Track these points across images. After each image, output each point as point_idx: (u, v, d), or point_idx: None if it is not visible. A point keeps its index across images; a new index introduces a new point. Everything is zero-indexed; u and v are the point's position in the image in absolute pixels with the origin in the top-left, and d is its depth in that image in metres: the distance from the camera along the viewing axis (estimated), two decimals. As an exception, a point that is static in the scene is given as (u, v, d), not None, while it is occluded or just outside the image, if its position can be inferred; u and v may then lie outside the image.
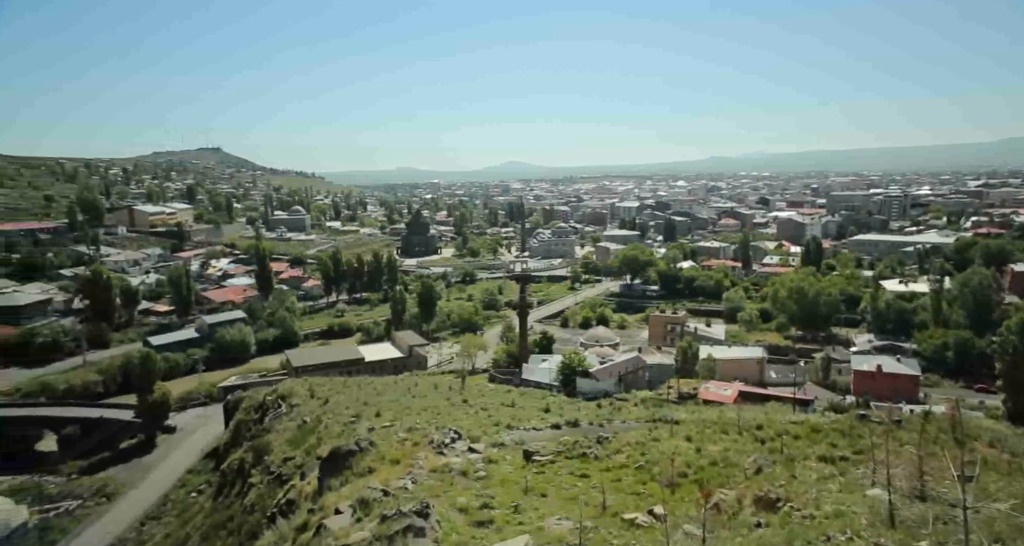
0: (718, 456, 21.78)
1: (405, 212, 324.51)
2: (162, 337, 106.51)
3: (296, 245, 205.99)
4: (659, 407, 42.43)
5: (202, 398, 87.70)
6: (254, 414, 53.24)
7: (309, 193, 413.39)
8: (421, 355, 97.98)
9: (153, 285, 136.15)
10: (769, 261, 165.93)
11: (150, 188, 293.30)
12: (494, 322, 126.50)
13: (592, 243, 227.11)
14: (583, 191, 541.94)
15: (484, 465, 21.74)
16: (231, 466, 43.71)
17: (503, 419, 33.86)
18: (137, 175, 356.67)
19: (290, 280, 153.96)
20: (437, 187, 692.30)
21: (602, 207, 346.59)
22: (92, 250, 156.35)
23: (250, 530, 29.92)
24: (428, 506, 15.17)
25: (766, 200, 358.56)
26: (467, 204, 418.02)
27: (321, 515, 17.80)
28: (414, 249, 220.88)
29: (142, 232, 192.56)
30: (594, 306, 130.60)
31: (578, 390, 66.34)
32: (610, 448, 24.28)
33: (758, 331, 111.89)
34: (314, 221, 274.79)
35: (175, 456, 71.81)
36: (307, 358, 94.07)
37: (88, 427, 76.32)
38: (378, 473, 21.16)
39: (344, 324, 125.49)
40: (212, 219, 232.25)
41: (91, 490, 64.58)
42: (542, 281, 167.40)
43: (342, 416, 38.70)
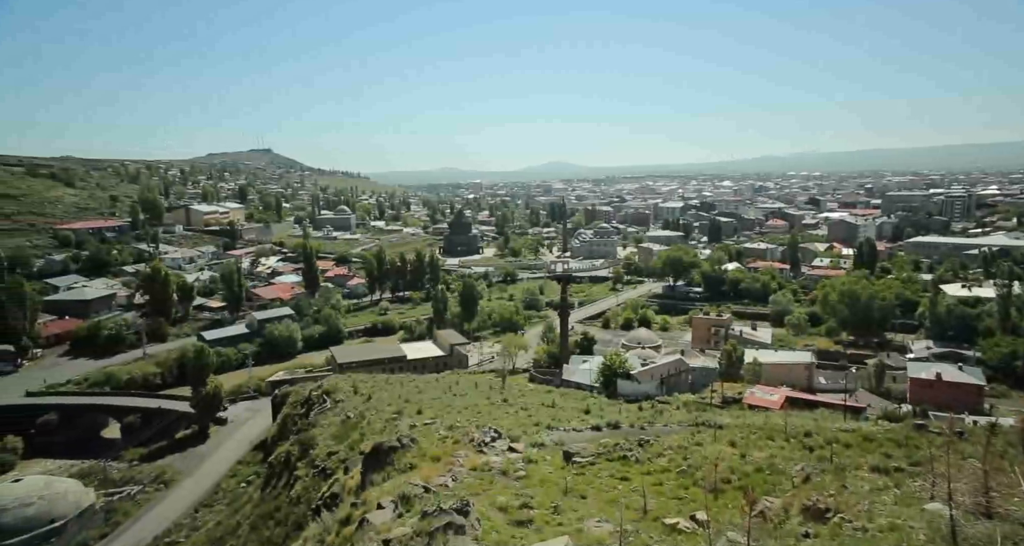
0: (764, 463, 21.16)
1: (448, 212, 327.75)
2: (215, 332, 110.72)
3: (341, 244, 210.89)
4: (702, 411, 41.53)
5: (251, 392, 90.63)
6: (300, 408, 54.75)
7: (354, 193, 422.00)
8: (462, 354, 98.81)
9: (207, 282, 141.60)
10: (819, 263, 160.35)
11: (205, 188, 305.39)
12: (535, 322, 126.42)
13: (634, 244, 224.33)
14: (626, 191, 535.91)
15: (524, 465, 21.73)
16: (278, 458, 45.05)
17: (543, 419, 33.78)
18: (193, 176, 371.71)
19: (335, 278, 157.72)
20: (479, 187, 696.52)
21: (645, 207, 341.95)
22: (152, 247, 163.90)
23: (296, 521, 30.78)
24: (468, 504, 15.27)
25: (816, 200, 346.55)
26: (509, 204, 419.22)
27: (363, 509, 18.12)
28: (456, 248, 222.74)
29: (197, 231, 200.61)
30: (636, 307, 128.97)
31: (619, 392, 65.69)
32: (651, 451, 23.91)
33: (806, 335, 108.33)
34: (359, 220, 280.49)
35: (226, 447, 74.47)
36: (351, 355, 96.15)
37: (148, 417, 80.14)
38: (419, 470, 21.41)
39: (387, 322, 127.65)
40: (262, 218, 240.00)
41: (150, 477, 67.72)
42: (583, 282, 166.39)
43: (384, 413, 39.41)
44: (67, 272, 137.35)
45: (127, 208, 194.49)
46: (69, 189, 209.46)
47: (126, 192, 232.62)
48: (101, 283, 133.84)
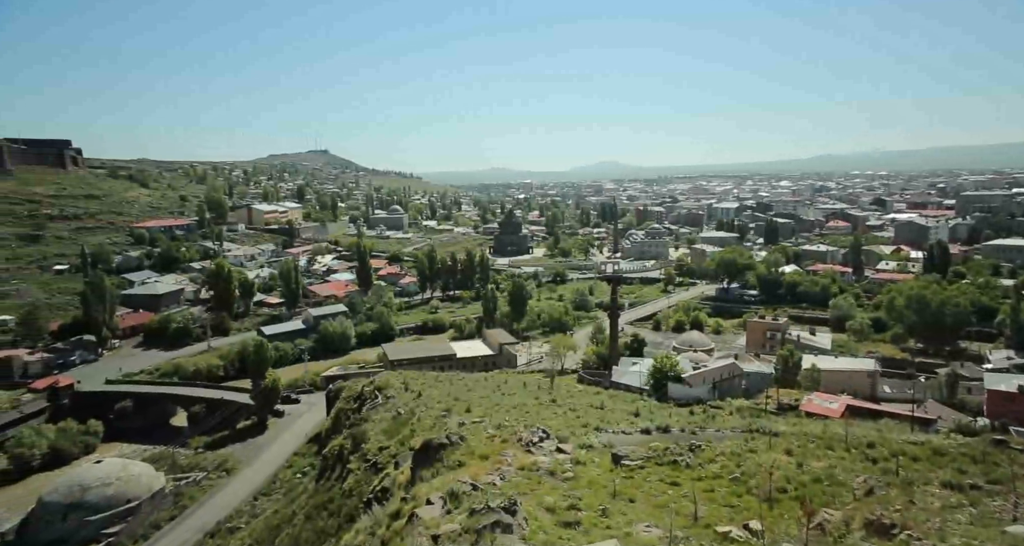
0: (822, 473, 20.34)
1: (498, 212, 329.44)
2: (273, 327, 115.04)
3: (394, 243, 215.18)
4: (756, 417, 40.26)
5: (307, 386, 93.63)
6: (353, 403, 56.09)
7: (407, 193, 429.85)
8: (511, 353, 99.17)
9: (266, 279, 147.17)
10: (885, 267, 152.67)
11: (265, 188, 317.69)
12: (584, 323, 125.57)
13: (687, 245, 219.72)
14: (678, 191, 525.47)
15: (572, 466, 21.63)
16: (332, 451, 46.32)
17: (592, 421, 33.52)
18: (255, 176, 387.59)
19: (388, 276, 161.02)
20: (530, 187, 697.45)
21: (698, 208, 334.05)
22: (216, 245, 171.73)
23: (348, 513, 31.57)
24: (516, 503, 15.33)
25: (882, 201, 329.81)
26: (559, 204, 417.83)
27: (413, 504, 18.39)
28: (506, 248, 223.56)
29: (258, 229, 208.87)
30: (688, 309, 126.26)
31: (669, 395, 64.49)
32: (703, 457, 23.35)
33: (870, 341, 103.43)
34: (411, 220, 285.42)
35: (283, 439, 77.19)
36: (402, 352, 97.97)
37: (212, 407, 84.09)
38: (467, 467, 21.62)
39: (437, 320, 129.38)
40: (319, 217, 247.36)
41: (214, 464, 71.02)
42: (634, 283, 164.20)
43: (434, 410, 39.97)
44: (141, 268, 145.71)
45: (195, 208, 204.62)
46: (144, 190, 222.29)
47: (194, 192, 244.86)
48: (171, 279, 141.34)
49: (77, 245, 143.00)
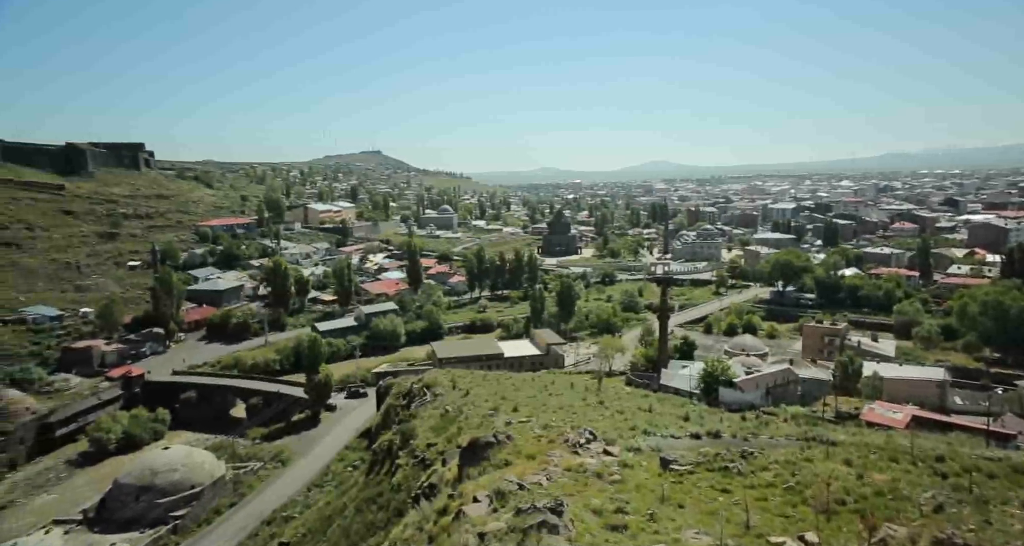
0: (885, 486, 19.41)
1: (547, 212, 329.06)
2: (327, 324, 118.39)
3: (444, 242, 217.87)
4: (813, 425, 38.78)
5: (358, 381, 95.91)
6: (402, 400, 57.17)
7: (457, 193, 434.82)
8: (558, 353, 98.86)
9: (321, 276, 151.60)
10: (956, 271, 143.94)
11: (321, 188, 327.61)
12: (633, 324, 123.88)
13: (740, 246, 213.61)
14: (732, 192, 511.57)
15: (619, 469, 21.39)
16: (381, 446, 47.37)
17: (640, 424, 33.06)
18: (311, 177, 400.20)
19: (437, 275, 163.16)
20: (579, 187, 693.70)
21: (752, 208, 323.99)
22: (274, 243, 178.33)
23: (397, 507, 32.23)
24: (562, 504, 15.29)
25: (954, 201, 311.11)
26: (608, 204, 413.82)
27: (460, 501, 18.60)
28: (555, 248, 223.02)
29: (313, 228, 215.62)
30: (741, 312, 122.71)
31: (720, 400, 62.92)
32: (755, 464, 22.67)
33: (939, 350, 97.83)
34: (461, 220, 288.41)
35: (335, 432, 79.46)
36: (450, 350, 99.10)
37: (268, 399, 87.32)
38: (514, 466, 21.70)
39: (485, 319, 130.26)
40: (371, 217, 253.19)
41: (270, 455, 73.88)
42: (685, 284, 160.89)
43: (481, 408, 40.30)
44: (205, 265, 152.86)
45: (254, 207, 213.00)
46: (208, 190, 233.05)
47: (254, 192, 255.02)
48: (232, 275, 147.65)
49: (148, 242, 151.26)
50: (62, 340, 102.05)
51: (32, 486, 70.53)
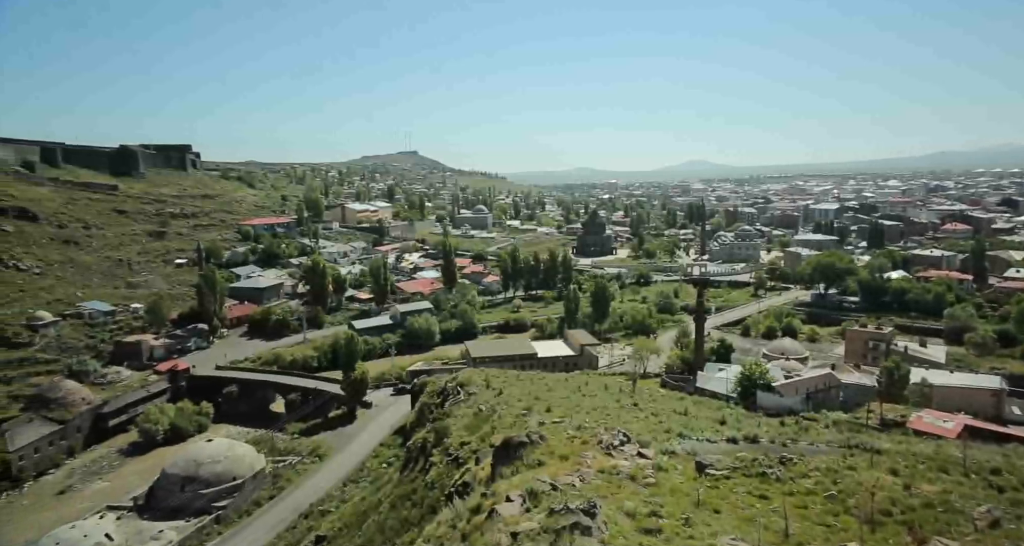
0: (935, 498, 18.67)
1: (582, 212, 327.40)
2: (363, 322, 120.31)
3: (478, 242, 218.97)
4: (856, 432, 37.57)
5: (393, 379, 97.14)
6: (436, 398, 57.69)
7: (492, 193, 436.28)
8: (592, 354, 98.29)
9: (357, 275, 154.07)
10: (1015, 274, 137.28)
11: (358, 188, 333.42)
12: (668, 326, 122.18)
13: (780, 248, 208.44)
14: (772, 192, 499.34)
15: (653, 472, 21.16)
16: (415, 444, 47.87)
17: (674, 427, 32.65)
18: (349, 177, 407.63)
19: (472, 275, 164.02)
20: (614, 187, 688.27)
21: (793, 209, 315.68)
22: (313, 242, 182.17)
23: (430, 504, 32.54)
24: (595, 506, 15.21)
25: (1013, 201, 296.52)
26: (644, 205, 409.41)
27: (493, 500, 18.66)
28: (589, 249, 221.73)
29: (350, 227, 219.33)
30: (780, 315, 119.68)
31: (758, 404, 61.54)
32: (795, 471, 22.10)
33: (994, 357, 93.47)
34: (495, 219, 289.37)
35: (371, 429, 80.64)
36: (484, 350, 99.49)
37: (306, 395, 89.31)
38: (547, 467, 21.67)
39: (519, 319, 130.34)
40: (407, 216, 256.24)
41: (308, 449, 75.50)
42: (722, 286, 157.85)
43: (514, 408, 40.37)
44: (246, 263, 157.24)
45: (294, 207, 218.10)
46: (251, 190, 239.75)
47: (294, 192, 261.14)
48: (272, 273, 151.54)
49: (194, 241, 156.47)
50: (114, 334, 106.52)
51: (88, 473, 74.00)
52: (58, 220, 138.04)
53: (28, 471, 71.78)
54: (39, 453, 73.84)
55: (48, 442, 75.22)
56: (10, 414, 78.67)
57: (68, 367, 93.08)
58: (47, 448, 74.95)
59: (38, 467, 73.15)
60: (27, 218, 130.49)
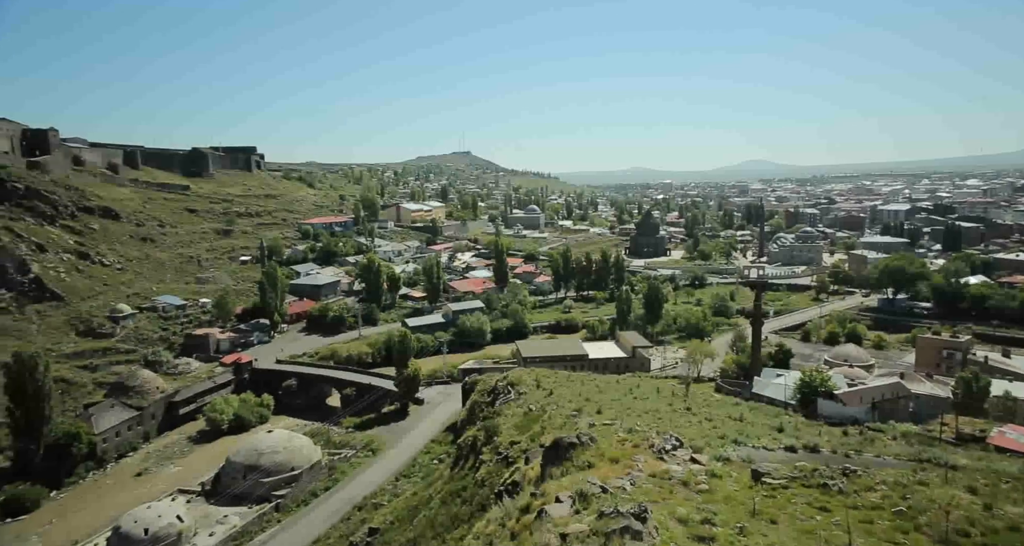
0: (1021, 520, 17.45)
1: (635, 212, 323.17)
2: (416, 320, 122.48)
3: (530, 242, 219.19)
4: (928, 446, 35.52)
5: (445, 377, 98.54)
6: (486, 397, 58.04)
7: (544, 193, 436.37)
8: (644, 357, 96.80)
9: (411, 273, 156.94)
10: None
11: (413, 188, 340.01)
12: (724, 329, 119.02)
13: (844, 250, 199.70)
14: (836, 192, 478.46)
15: (707, 478, 20.65)
16: (466, 441, 48.37)
17: (729, 433, 31.81)
18: (404, 177, 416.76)
19: (523, 275, 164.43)
20: (669, 187, 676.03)
21: (859, 210, 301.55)
22: (368, 241, 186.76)
23: (480, 502, 32.81)
24: (646, 510, 14.96)
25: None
26: (700, 205, 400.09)
27: (542, 500, 18.65)
28: (642, 249, 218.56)
29: (405, 226, 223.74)
30: (843, 321, 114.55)
31: (819, 412, 59.18)
32: (859, 483, 21.10)
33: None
34: (547, 220, 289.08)
35: (422, 426, 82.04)
36: (535, 350, 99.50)
37: (361, 391, 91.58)
38: (597, 469, 21.48)
39: (570, 320, 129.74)
40: (460, 216, 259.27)
41: (361, 443, 77.53)
42: (781, 289, 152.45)
43: (564, 409, 40.20)
44: (306, 261, 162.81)
45: (351, 206, 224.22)
46: (311, 190, 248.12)
47: (351, 192, 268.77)
48: (330, 271, 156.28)
49: (257, 239, 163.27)
50: (185, 327, 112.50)
51: (161, 457, 78.52)
52: (137, 219, 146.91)
53: (110, 453, 76.79)
54: (119, 437, 78.85)
55: (127, 426, 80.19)
56: (95, 399, 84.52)
57: (144, 357, 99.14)
58: (126, 432, 79.93)
59: (118, 450, 78.12)
60: (111, 217, 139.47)
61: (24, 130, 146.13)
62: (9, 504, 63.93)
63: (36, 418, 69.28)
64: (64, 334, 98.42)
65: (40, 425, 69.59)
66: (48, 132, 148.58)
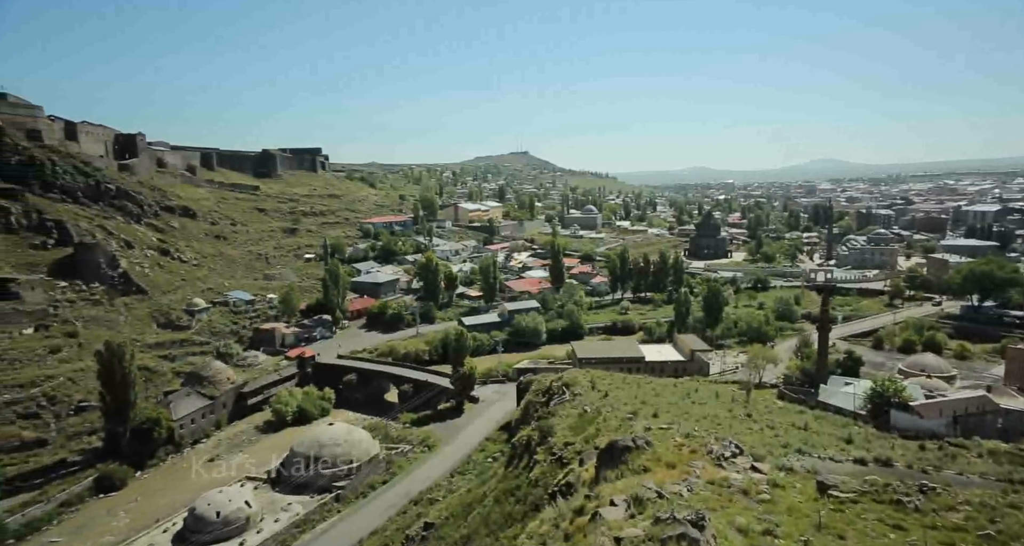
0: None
1: (695, 213, 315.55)
2: (472, 318, 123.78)
3: (587, 242, 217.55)
4: (1020, 465, 32.95)
5: (500, 376, 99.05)
6: (541, 397, 57.96)
7: (602, 193, 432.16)
8: (703, 360, 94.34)
9: (468, 273, 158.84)
10: None
11: (471, 188, 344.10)
12: (787, 334, 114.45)
13: (922, 253, 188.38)
14: (913, 192, 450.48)
15: (768, 488, 19.96)
16: (520, 441, 48.47)
17: (793, 441, 30.62)
18: (462, 177, 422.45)
19: (579, 275, 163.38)
20: (731, 187, 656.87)
21: (940, 211, 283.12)
22: (427, 240, 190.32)
23: (534, 502, 32.85)
24: (704, 518, 14.62)
25: None
26: (764, 206, 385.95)
27: (597, 503, 18.53)
28: (702, 251, 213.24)
29: (462, 226, 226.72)
30: (920, 328, 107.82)
31: (892, 424, 56.01)
32: (939, 502, 19.86)
33: None
34: (605, 220, 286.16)
35: (477, 423, 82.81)
36: (590, 351, 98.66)
37: (418, 387, 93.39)
38: (653, 473, 21.12)
39: (627, 321, 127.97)
40: (517, 216, 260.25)
41: (418, 439, 79.06)
42: (850, 294, 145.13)
43: (620, 411, 39.72)
44: (366, 259, 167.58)
45: (410, 206, 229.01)
46: (372, 190, 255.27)
47: (411, 192, 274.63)
48: (389, 269, 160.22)
49: (321, 237, 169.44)
50: (253, 321, 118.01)
51: (231, 445, 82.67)
52: (211, 217, 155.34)
53: (187, 439, 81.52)
54: (194, 424, 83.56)
55: (201, 414, 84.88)
56: (173, 387, 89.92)
57: (216, 349, 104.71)
58: (200, 420, 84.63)
59: (193, 436, 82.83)
60: (189, 215, 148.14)
61: (117, 135, 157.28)
62: (102, 481, 69.14)
63: (123, 403, 74.31)
64: (147, 326, 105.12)
65: (127, 410, 74.66)
66: (136, 136, 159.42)
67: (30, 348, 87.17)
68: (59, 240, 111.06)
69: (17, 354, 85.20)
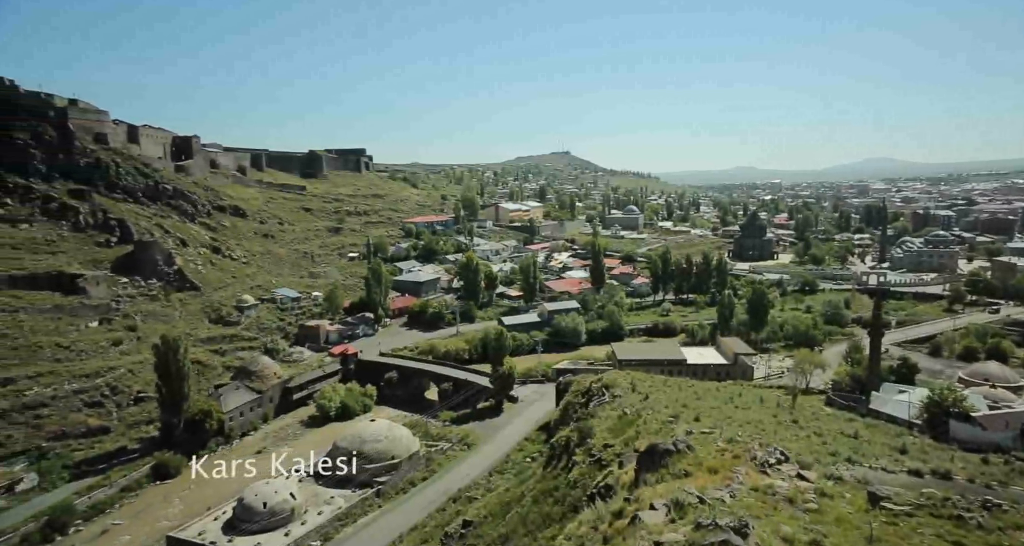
0: None
1: (740, 213, 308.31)
2: (512, 318, 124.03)
3: (628, 243, 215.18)
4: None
5: (539, 376, 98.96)
6: (580, 398, 57.72)
7: (644, 193, 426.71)
8: (747, 364, 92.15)
9: (508, 272, 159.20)
10: None
11: (511, 188, 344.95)
12: (836, 339, 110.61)
13: (986, 256, 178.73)
14: (976, 192, 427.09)
15: (815, 497, 19.31)
16: (559, 441, 48.36)
17: (842, 450, 29.53)
18: (503, 177, 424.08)
19: (620, 276, 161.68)
20: (778, 187, 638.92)
21: (1007, 211, 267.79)
22: (468, 240, 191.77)
23: (572, 503, 32.73)
24: (748, 525, 14.28)
25: None
26: (812, 206, 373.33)
27: (636, 506, 18.32)
28: (747, 252, 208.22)
29: (503, 226, 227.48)
30: (984, 334, 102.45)
31: (951, 435, 53.50)
32: (1005, 520, 18.81)
33: None
34: (646, 220, 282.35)
35: (516, 423, 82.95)
36: (631, 352, 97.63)
37: (458, 386, 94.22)
38: (694, 478, 20.76)
39: (668, 323, 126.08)
40: (557, 216, 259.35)
41: (457, 437, 79.77)
42: (905, 298, 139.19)
43: (660, 414, 39.15)
44: (408, 258, 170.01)
45: (452, 206, 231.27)
46: (414, 190, 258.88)
47: (452, 192, 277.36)
48: (430, 268, 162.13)
49: (364, 237, 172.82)
50: (299, 318, 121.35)
51: (277, 438, 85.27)
52: (260, 216, 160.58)
53: (236, 431, 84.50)
54: (243, 416, 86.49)
55: (249, 407, 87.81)
56: (223, 381, 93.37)
57: (264, 345, 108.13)
58: (248, 413, 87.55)
59: (242, 428, 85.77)
60: (239, 215, 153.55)
61: (174, 137, 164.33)
62: (159, 468, 72.61)
63: (178, 395, 77.68)
64: (199, 321, 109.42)
65: (181, 401, 78.00)
66: (192, 139, 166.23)
67: (95, 341, 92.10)
68: (121, 238, 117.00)
69: (84, 346, 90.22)
